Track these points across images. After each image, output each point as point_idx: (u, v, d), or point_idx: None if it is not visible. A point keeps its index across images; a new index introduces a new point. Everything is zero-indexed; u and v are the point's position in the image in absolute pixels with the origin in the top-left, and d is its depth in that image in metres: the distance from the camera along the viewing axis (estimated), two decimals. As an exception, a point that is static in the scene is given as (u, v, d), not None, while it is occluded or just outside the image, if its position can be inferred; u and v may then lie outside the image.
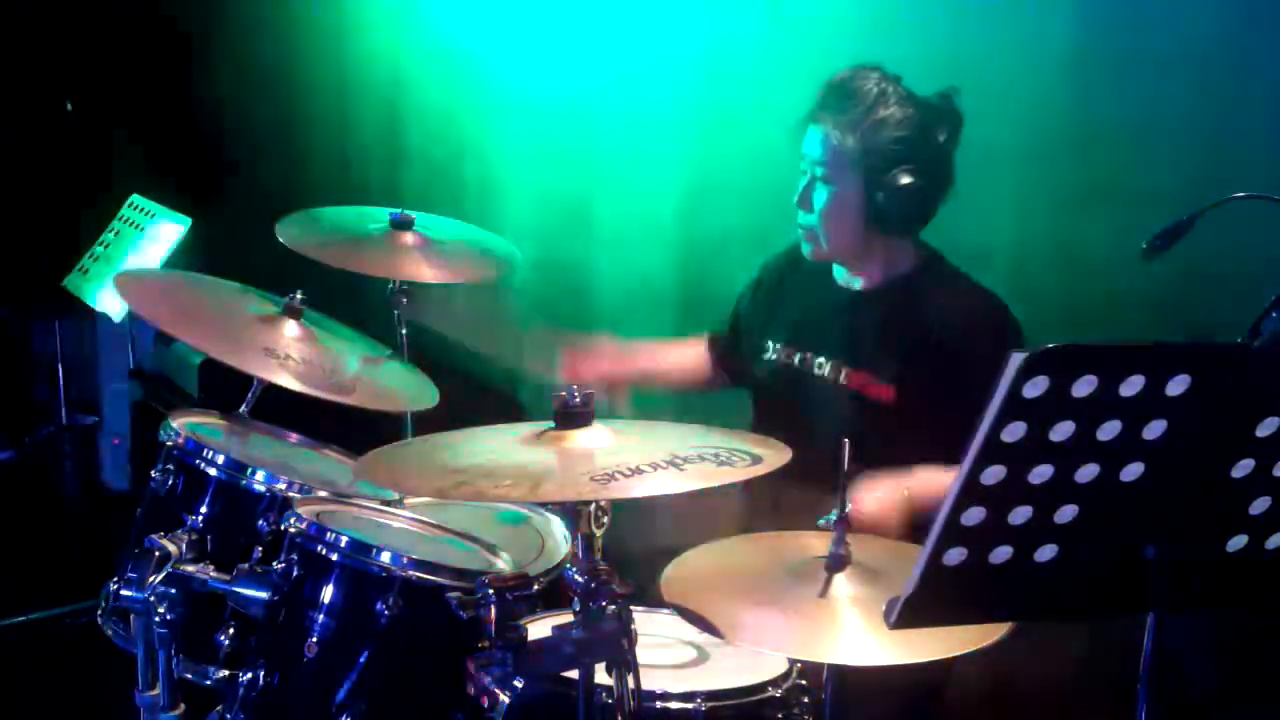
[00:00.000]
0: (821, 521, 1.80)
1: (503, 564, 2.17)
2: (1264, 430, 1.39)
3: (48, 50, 4.70)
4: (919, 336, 2.34)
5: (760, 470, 1.70)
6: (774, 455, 1.75)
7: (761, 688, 1.90)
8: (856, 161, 2.30)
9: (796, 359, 2.48)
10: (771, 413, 2.52)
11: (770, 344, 2.54)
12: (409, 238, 2.79)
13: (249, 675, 2.07)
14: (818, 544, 1.81)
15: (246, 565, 2.13)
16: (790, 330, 2.51)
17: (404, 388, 2.54)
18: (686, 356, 2.74)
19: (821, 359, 2.44)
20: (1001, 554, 1.40)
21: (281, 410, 2.50)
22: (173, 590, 2.07)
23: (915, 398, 2.32)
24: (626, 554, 1.86)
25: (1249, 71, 2.34)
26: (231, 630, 2.20)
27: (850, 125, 2.29)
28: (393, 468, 1.85)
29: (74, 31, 4.72)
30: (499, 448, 1.76)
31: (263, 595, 2.07)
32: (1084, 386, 1.30)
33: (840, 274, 2.48)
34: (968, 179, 2.35)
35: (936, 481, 2.23)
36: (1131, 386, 1.32)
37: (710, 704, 1.85)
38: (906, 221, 2.36)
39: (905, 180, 2.28)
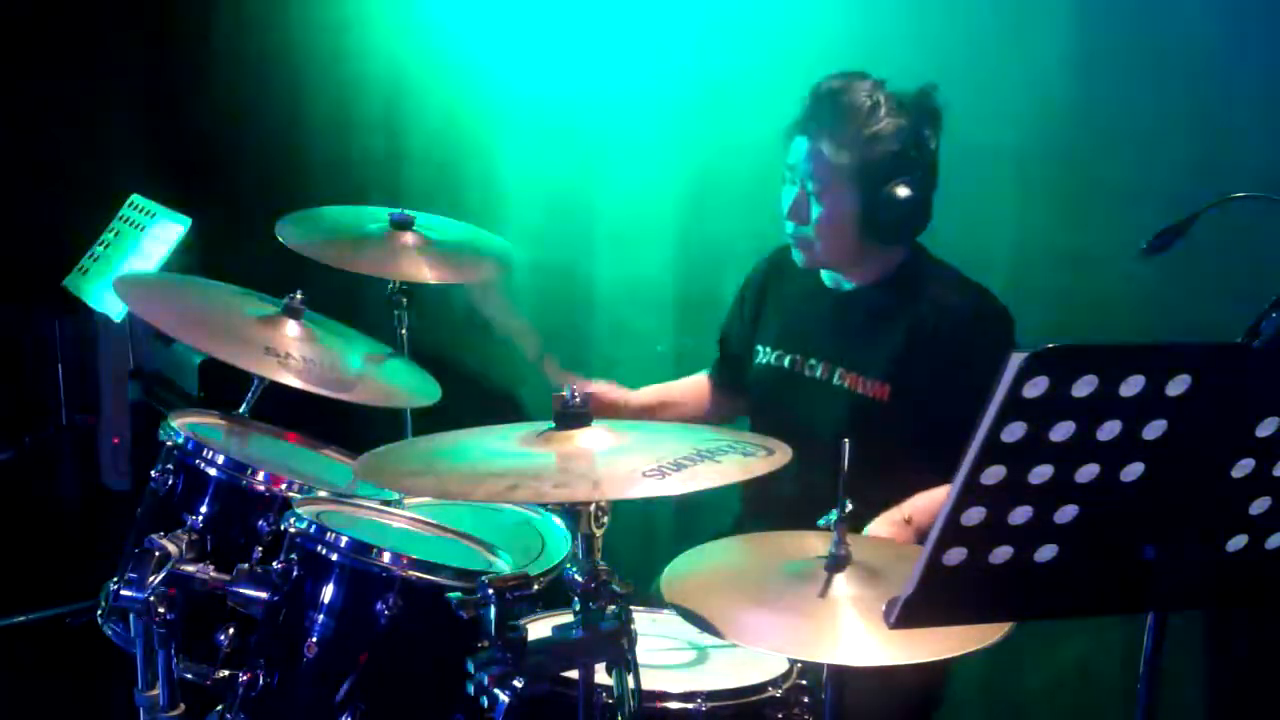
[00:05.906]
0: (822, 522, 1.80)
1: (503, 564, 2.17)
2: (1264, 430, 1.38)
3: (46, 48, 4.69)
4: (911, 331, 2.34)
5: (777, 461, 1.71)
6: (780, 449, 1.76)
7: (761, 688, 1.90)
8: (853, 177, 2.27)
9: (787, 361, 2.48)
10: (767, 416, 2.51)
11: (760, 349, 2.53)
12: (409, 238, 2.79)
13: (249, 675, 2.06)
14: (818, 544, 1.81)
15: (246, 565, 2.12)
16: (779, 333, 2.51)
17: (405, 384, 2.53)
18: (688, 387, 2.72)
19: (814, 360, 2.44)
20: (1001, 554, 1.40)
21: (281, 410, 2.51)
22: (173, 590, 2.07)
23: (910, 393, 2.32)
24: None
25: (1248, 71, 2.34)
26: (231, 630, 2.20)
27: (846, 141, 2.25)
28: (407, 470, 1.85)
29: (72, 30, 4.71)
30: (504, 448, 1.75)
31: (263, 595, 2.07)
32: (1084, 386, 1.30)
33: (828, 276, 2.47)
34: (968, 179, 2.36)
35: (935, 499, 2.24)
36: (1131, 386, 1.32)
37: (710, 704, 1.85)
38: (906, 232, 2.35)
39: (903, 193, 2.26)
